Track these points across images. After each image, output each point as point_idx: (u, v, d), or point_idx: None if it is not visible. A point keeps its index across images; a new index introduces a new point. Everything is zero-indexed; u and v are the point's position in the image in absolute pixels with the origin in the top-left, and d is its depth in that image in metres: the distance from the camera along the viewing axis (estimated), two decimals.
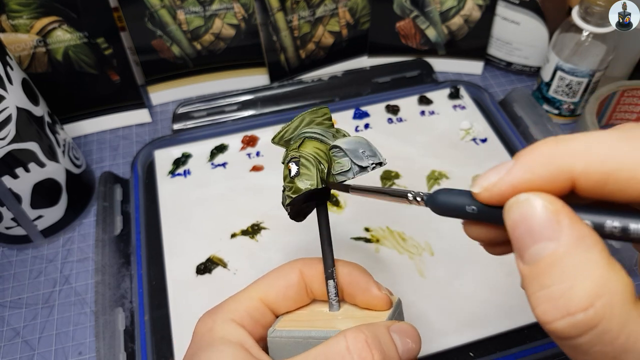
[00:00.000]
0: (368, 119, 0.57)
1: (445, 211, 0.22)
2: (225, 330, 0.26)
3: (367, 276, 0.29)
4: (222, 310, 0.28)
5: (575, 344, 0.17)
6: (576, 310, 0.16)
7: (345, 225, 0.48)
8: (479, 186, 0.20)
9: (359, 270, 0.29)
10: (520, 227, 0.18)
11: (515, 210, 0.19)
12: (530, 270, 0.18)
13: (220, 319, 0.27)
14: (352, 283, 0.29)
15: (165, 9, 0.56)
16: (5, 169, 0.43)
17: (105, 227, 0.47)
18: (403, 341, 0.25)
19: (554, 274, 0.17)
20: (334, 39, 0.63)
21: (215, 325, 0.27)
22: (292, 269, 0.29)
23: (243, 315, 0.27)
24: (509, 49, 0.62)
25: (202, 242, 0.47)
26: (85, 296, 0.46)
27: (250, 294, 0.28)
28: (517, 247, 0.19)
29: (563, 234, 0.17)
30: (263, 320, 0.28)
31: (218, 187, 0.51)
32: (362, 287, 0.28)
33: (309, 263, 0.29)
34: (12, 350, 0.43)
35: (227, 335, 0.26)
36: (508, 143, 0.54)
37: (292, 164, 0.27)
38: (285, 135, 0.28)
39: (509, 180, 0.19)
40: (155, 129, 0.60)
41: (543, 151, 0.19)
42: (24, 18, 0.50)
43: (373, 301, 0.28)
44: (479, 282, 0.43)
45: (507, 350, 0.40)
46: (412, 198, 0.23)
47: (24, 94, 0.43)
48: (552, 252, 0.17)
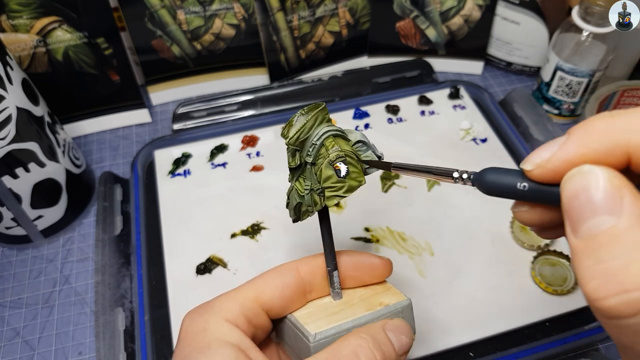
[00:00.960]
0: (368, 119, 0.57)
1: (494, 190, 0.21)
2: (220, 331, 0.26)
3: (364, 254, 0.31)
4: (213, 309, 0.27)
5: (624, 324, 0.17)
6: (633, 288, 0.16)
7: (345, 225, 0.48)
8: (531, 163, 0.20)
9: (356, 253, 0.31)
10: (580, 198, 0.18)
11: (577, 181, 0.18)
12: (584, 244, 0.17)
13: (213, 319, 0.26)
14: (358, 266, 0.30)
15: (165, 9, 0.56)
16: (5, 169, 0.43)
17: (105, 227, 0.47)
18: (398, 337, 0.27)
19: (611, 250, 0.17)
20: (334, 39, 0.63)
21: (208, 326, 0.26)
22: (289, 269, 0.29)
23: (237, 315, 0.27)
24: (509, 49, 0.62)
25: (202, 242, 0.47)
26: (85, 296, 0.46)
27: (243, 293, 0.28)
28: (572, 219, 0.18)
29: (625, 210, 0.17)
30: (256, 321, 0.28)
31: (218, 187, 0.51)
32: (367, 265, 0.30)
33: (305, 262, 0.30)
34: (12, 350, 0.43)
35: (224, 337, 0.26)
36: (508, 143, 0.54)
37: (341, 164, 0.27)
38: (301, 135, 0.28)
39: (563, 155, 0.19)
40: (155, 129, 0.60)
41: (598, 126, 0.18)
42: (24, 18, 0.50)
43: (380, 270, 0.31)
44: (479, 282, 0.43)
45: (507, 350, 0.40)
46: (458, 177, 0.23)
47: (24, 94, 0.43)
48: (612, 227, 0.17)
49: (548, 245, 0.45)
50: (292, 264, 0.30)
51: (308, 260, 0.30)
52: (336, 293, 0.30)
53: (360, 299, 0.30)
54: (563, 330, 0.41)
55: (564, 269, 0.44)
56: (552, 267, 0.44)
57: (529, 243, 0.45)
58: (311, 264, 0.30)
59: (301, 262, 0.30)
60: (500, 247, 0.46)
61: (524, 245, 0.45)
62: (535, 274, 0.43)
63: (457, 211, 0.48)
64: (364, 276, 0.31)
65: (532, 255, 0.45)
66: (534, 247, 0.45)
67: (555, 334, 0.41)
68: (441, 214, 0.48)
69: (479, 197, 0.49)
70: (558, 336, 0.41)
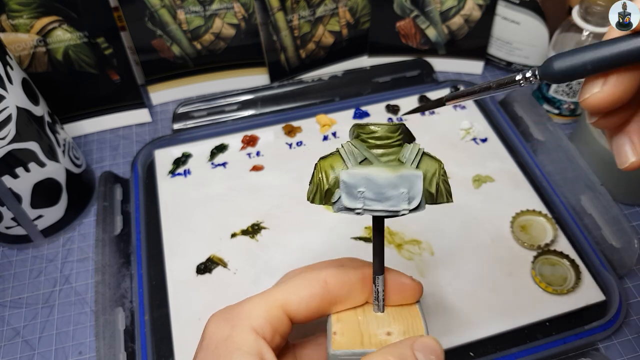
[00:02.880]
0: (368, 118, 0.57)
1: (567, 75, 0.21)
2: (245, 341, 0.25)
3: (396, 272, 0.29)
4: (240, 315, 0.26)
5: None
6: None
7: (346, 225, 0.48)
8: None
9: (389, 270, 0.29)
10: None
11: None
12: None
13: (240, 327, 0.26)
14: (389, 284, 0.29)
15: (165, 9, 0.56)
16: (5, 168, 0.43)
17: (106, 226, 0.47)
18: (427, 358, 0.25)
19: None
20: (334, 39, 0.63)
21: (234, 334, 0.25)
22: (317, 280, 0.28)
23: (263, 323, 0.26)
24: (509, 48, 0.62)
25: (202, 242, 0.47)
26: (86, 296, 0.46)
27: (271, 301, 0.27)
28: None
29: None
30: (281, 329, 0.27)
31: (218, 187, 0.51)
32: (396, 284, 0.29)
33: (332, 273, 0.29)
34: (13, 349, 0.43)
35: (248, 348, 0.25)
36: (508, 143, 0.54)
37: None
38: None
39: None
40: (156, 129, 0.60)
41: None
42: (24, 18, 0.50)
43: (408, 292, 0.29)
44: (479, 283, 0.43)
45: (507, 350, 0.40)
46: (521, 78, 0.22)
47: (24, 93, 0.43)
48: None
49: (548, 245, 0.45)
50: (321, 275, 0.28)
51: (336, 272, 0.29)
52: (376, 305, 0.29)
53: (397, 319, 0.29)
54: (563, 330, 0.41)
55: (564, 268, 0.44)
56: (552, 266, 0.44)
57: (529, 243, 0.45)
58: (340, 277, 0.28)
59: (329, 273, 0.29)
60: (500, 246, 0.46)
61: (524, 245, 0.45)
62: (535, 273, 0.43)
63: (457, 211, 0.48)
64: (392, 294, 0.29)
65: (532, 255, 0.45)
66: (534, 246, 0.45)
67: (555, 333, 0.41)
68: (441, 214, 0.48)
69: (479, 197, 0.50)
70: (558, 336, 0.41)
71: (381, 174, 0.24)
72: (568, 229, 0.47)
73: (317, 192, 0.25)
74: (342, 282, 0.28)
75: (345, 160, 0.25)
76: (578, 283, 0.43)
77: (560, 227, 0.47)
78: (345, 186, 0.24)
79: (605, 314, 0.42)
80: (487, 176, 0.51)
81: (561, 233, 0.47)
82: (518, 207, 0.48)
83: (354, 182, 0.24)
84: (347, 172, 0.24)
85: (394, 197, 0.24)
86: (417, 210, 0.24)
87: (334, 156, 0.25)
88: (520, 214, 0.47)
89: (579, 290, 0.43)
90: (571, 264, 0.44)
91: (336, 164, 0.25)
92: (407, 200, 0.24)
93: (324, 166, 0.25)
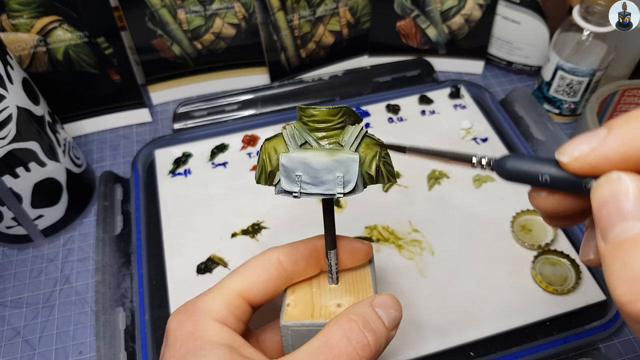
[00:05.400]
0: (369, 118, 0.57)
1: (514, 177, 0.21)
2: (211, 332, 0.25)
3: (347, 238, 0.31)
4: (201, 309, 0.27)
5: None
6: None
7: (345, 225, 0.48)
8: (568, 155, 0.19)
9: (340, 237, 0.30)
10: (609, 205, 0.18)
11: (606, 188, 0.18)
12: (613, 249, 0.18)
13: (203, 320, 0.26)
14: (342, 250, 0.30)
15: (165, 9, 0.56)
16: (5, 168, 0.43)
17: (106, 226, 0.47)
18: (387, 312, 0.27)
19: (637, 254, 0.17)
20: (335, 39, 0.63)
21: (198, 327, 0.26)
22: (270, 261, 0.29)
23: (226, 314, 0.27)
24: (509, 48, 0.62)
25: (202, 242, 0.47)
26: (86, 295, 0.46)
27: (229, 290, 0.28)
28: (601, 225, 0.18)
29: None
30: (243, 316, 0.28)
31: (218, 187, 0.51)
32: (348, 249, 0.30)
33: (284, 251, 0.29)
34: (13, 349, 0.43)
35: (216, 338, 0.25)
36: (509, 142, 0.54)
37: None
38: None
39: (603, 152, 0.18)
40: (156, 129, 0.60)
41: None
42: (25, 17, 0.50)
43: (360, 255, 0.30)
44: (479, 282, 0.43)
45: (507, 350, 0.40)
46: (477, 162, 0.23)
47: (25, 93, 0.43)
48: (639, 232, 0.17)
49: (549, 244, 0.45)
50: (273, 255, 0.29)
51: (287, 250, 0.29)
52: (331, 278, 0.30)
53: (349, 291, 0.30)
54: (563, 330, 0.41)
55: (564, 268, 0.44)
56: (552, 266, 0.44)
57: (529, 242, 0.45)
58: (292, 255, 0.29)
59: (281, 252, 0.29)
60: (500, 246, 0.46)
61: (524, 244, 0.45)
62: (535, 273, 0.43)
63: (457, 211, 0.48)
64: (345, 259, 0.31)
65: (532, 254, 0.45)
66: (534, 246, 0.45)
67: (555, 333, 0.41)
68: (441, 214, 0.48)
69: (479, 196, 0.50)
70: (558, 336, 0.41)
71: (317, 159, 0.24)
72: (568, 228, 0.47)
73: (261, 173, 0.26)
74: (295, 258, 0.29)
75: (287, 143, 0.25)
76: (578, 283, 0.43)
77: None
78: (284, 169, 0.25)
79: (606, 314, 0.42)
80: (487, 176, 0.51)
81: (561, 233, 0.47)
82: (518, 207, 0.48)
83: (292, 166, 0.25)
84: (286, 156, 0.25)
85: (329, 181, 0.24)
86: (353, 193, 0.25)
87: (277, 138, 0.26)
88: (520, 213, 0.47)
89: (579, 290, 0.43)
90: (571, 263, 0.44)
91: (279, 146, 0.25)
92: (342, 184, 0.24)
93: (268, 148, 0.26)
